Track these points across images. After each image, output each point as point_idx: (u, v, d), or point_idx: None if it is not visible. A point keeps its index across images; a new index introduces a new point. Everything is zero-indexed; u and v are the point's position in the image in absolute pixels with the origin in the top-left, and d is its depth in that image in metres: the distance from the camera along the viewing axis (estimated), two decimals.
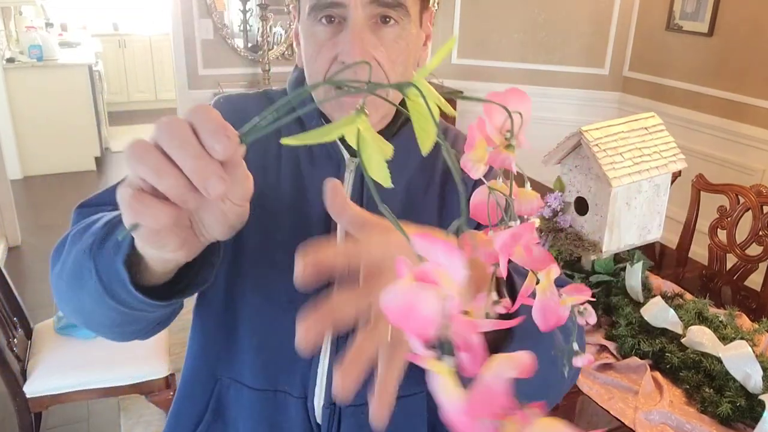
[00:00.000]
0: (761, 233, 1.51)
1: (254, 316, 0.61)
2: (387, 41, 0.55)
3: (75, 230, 0.53)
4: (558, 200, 1.26)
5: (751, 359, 0.97)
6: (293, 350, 0.58)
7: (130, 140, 0.32)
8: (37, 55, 3.78)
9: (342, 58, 0.54)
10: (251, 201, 0.50)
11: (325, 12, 0.55)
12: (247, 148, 0.37)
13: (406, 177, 0.63)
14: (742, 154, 2.57)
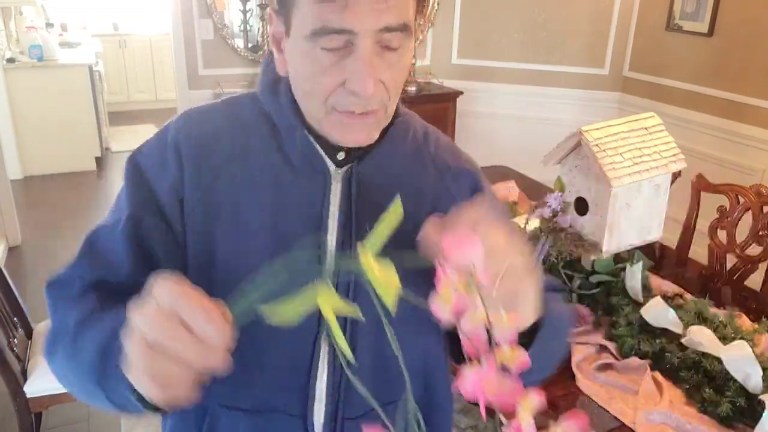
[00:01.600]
0: (761, 233, 1.51)
1: (240, 336, 0.53)
2: (393, 64, 0.54)
3: (62, 332, 0.57)
4: (558, 200, 1.26)
5: (751, 359, 0.98)
6: (287, 368, 0.58)
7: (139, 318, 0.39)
8: (38, 56, 3.78)
9: (352, 87, 0.52)
10: (227, 216, 0.56)
11: (331, 38, 0.51)
12: (228, 161, 0.55)
13: (411, 183, 0.63)
14: (742, 154, 2.57)
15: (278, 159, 0.60)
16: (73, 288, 0.60)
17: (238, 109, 0.63)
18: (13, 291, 1.53)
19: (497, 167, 2.34)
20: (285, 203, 0.59)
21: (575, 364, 1.08)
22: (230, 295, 0.44)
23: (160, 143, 0.61)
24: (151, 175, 0.60)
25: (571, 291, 1.23)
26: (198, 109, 0.64)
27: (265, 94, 0.62)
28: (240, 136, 0.61)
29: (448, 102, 3.26)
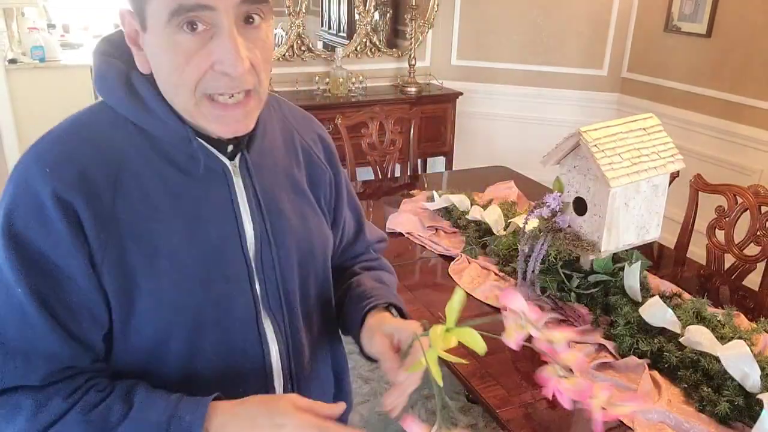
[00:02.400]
0: (759, 233, 1.52)
1: (186, 353, 0.59)
2: (258, 42, 0.55)
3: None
4: (557, 200, 1.26)
5: (749, 358, 0.98)
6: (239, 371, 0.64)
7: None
8: (40, 56, 3.79)
9: (222, 67, 0.52)
10: (142, 250, 0.57)
11: (189, 16, 0.51)
12: (118, 193, 0.56)
13: (278, 159, 0.66)
14: (740, 155, 2.58)
15: (169, 171, 0.58)
16: (25, 404, 0.54)
17: (99, 131, 0.57)
18: None
19: (497, 167, 2.35)
20: (196, 215, 0.59)
21: (574, 363, 1.08)
22: (162, 326, 0.56)
23: (33, 204, 0.53)
24: (41, 246, 0.53)
25: (569, 290, 1.23)
26: (47, 148, 0.56)
27: (126, 105, 0.57)
28: (116, 161, 0.56)
29: (448, 103, 3.27)
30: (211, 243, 0.59)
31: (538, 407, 1.00)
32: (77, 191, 0.54)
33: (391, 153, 2.32)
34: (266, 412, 0.55)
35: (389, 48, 3.40)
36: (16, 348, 0.54)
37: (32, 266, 0.53)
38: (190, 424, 0.54)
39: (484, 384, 1.04)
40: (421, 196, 1.89)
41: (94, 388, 0.57)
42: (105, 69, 0.59)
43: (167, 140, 0.58)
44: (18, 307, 0.53)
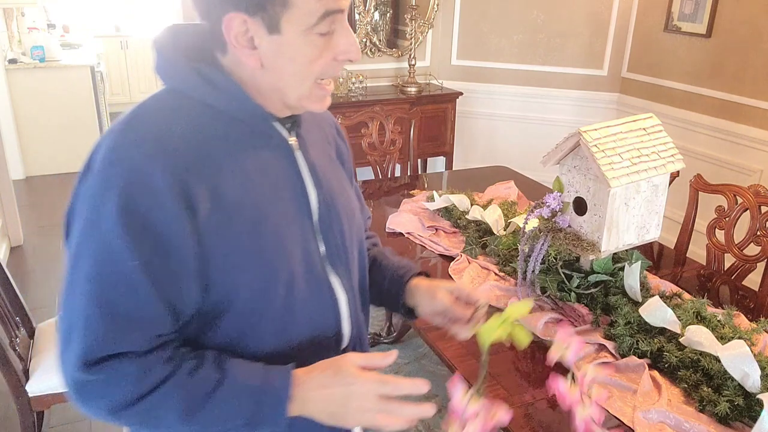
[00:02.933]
0: (759, 233, 1.52)
1: (272, 320, 0.66)
2: None
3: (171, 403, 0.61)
4: (557, 200, 1.26)
5: (749, 358, 0.98)
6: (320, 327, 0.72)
7: None
8: (40, 56, 3.79)
9: (348, 56, 0.64)
10: (242, 214, 0.64)
11: (332, 21, 0.61)
12: (210, 175, 0.61)
13: (315, 136, 0.75)
14: (740, 155, 2.58)
15: (249, 146, 0.65)
16: (132, 366, 0.60)
17: (182, 113, 0.62)
18: (15, 290, 1.54)
19: (496, 167, 2.35)
20: (276, 184, 0.66)
21: (574, 363, 1.08)
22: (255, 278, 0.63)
23: (145, 184, 0.57)
24: (154, 221, 0.57)
25: (569, 290, 1.23)
26: (143, 132, 0.60)
27: (202, 89, 0.63)
28: (205, 138, 0.62)
29: (448, 103, 3.27)
30: (290, 209, 0.67)
31: (538, 407, 1.00)
32: (183, 168, 0.59)
33: (391, 153, 2.32)
34: (334, 374, 0.63)
35: (389, 48, 3.40)
36: (123, 315, 0.58)
37: (145, 240, 0.57)
38: (279, 390, 0.62)
39: (483, 384, 1.04)
40: (421, 196, 1.89)
41: (187, 355, 0.63)
42: (172, 58, 0.64)
43: (242, 118, 0.65)
44: (128, 278, 0.58)
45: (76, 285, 0.59)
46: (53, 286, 2.60)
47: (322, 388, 0.63)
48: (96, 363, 0.59)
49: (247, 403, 0.61)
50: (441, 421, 0.60)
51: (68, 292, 0.60)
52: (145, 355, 0.60)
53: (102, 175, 0.58)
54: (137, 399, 0.59)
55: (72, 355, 0.59)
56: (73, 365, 0.59)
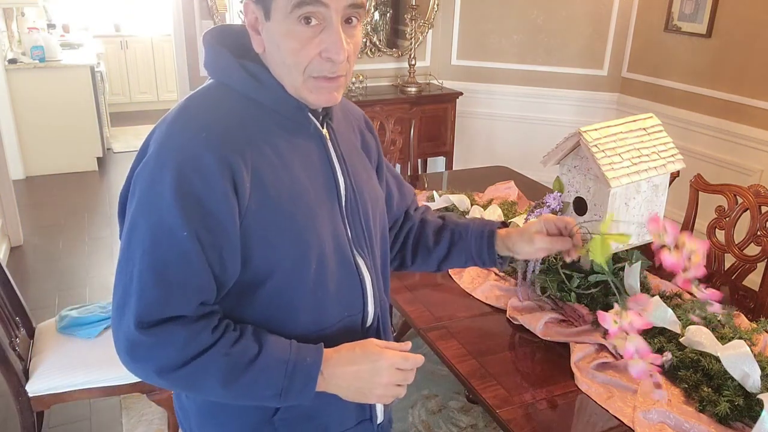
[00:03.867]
0: (759, 233, 1.52)
1: (309, 292, 0.71)
2: (353, 39, 0.69)
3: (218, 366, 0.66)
4: (557, 200, 1.26)
5: (750, 358, 0.98)
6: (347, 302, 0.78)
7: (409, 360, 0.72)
8: (40, 56, 3.79)
9: (329, 55, 0.66)
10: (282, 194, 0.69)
11: (308, 9, 0.64)
12: (252, 157, 0.67)
13: (344, 128, 0.81)
14: (740, 155, 2.58)
15: (285, 134, 0.71)
16: (186, 329, 0.65)
17: (228, 103, 0.69)
18: (15, 290, 1.54)
19: (497, 167, 2.35)
20: (310, 170, 0.72)
21: (574, 363, 1.08)
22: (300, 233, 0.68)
23: (197, 164, 0.63)
24: (203, 198, 0.63)
25: (569, 290, 1.23)
26: (195, 120, 0.66)
27: (245, 82, 0.69)
28: (247, 125, 0.68)
29: (448, 103, 3.27)
30: (322, 193, 0.72)
31: (538, 407, 1.00)
32: (230, 150, 0.64)
33: (392, 153, 2.32)
34: (362, 353, 0.69)
35: (389, 48, 3.40)
36: (175, 282, 0.64)
37: (194, 214, 0.63)
38: (311, 366, 0.68)
39: (484, 384, 1.04)
40: (421, 196, 1.89)
41: (229, 327, 0.68)
42: (220, 55, 0.71)
43: (279, 109, 0.70)
44: (180, 247, 0.63)
45: (132, 255, 0.64)
46: (53, 286, 2.60)
47: (350, 364, 0.69)
48: (151, 326, 0.63)
49: (280, 375, 0.66)
50: (441, 421, 0.61)
51: (124, 261, 0.65)
52: (194, 323, 0.65)
53: (157, 157, 0.64)
54: (184, 363, 0.64)
55: (128, 317, 0.64)
56: (129, 326, 0.63)
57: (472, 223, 0.95)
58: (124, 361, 0.66)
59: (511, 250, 0.91)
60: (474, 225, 0.94)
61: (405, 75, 3.32)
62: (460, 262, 0.95)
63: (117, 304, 0.65)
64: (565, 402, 1.01)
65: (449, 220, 0.97)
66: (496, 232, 0.92)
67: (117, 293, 0.66)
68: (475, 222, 0.95)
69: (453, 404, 1.88)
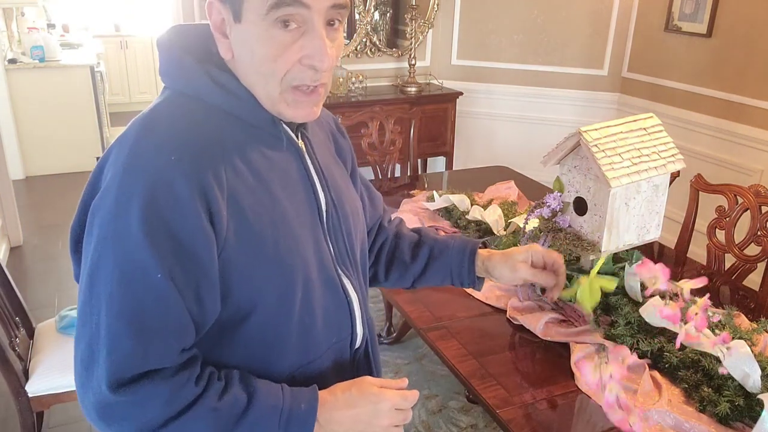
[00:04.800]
0: (760, 233, 1.52)
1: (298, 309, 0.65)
2: (336, 43, 0.62)
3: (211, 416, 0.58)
4: (557, 200, 1.26)
5: (750, 359, 0.98)
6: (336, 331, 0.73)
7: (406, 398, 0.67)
8: (39, 56, 3.79)
9: (311, 62, 0.60)
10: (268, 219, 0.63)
11: (286, 11, 0.57)
12: (227, 180, 0.60)
13: (319, 137, 0.75)
14: (741, 155, 2.58)
15: (261, 149, 0.64)
16: (169, 383, 0.57)
17: (195, 117, 0.61)
18: (15, 290, 1.54)
19: (497, 167, 2.35)
20: (289, 187, 0.65)
21: (574, 363, 1.08)
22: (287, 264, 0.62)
23: (169, 192, 0.55)
24: (177, 230, 0.55)
25: None
26: (161, 139, 0.57)
27: (213, 93, 0.61)
28: (219, 142, 0.60)
29: (448, 103, 3.27)
30: (303, 211, 0.67)
31: (538, 407, 1.00)
32: (204, 175, 0.57)
33: (391, 153, 2.32)
34: (359, 394, 0.64)
35: (389, 48, 3.40)
36: (151, 329, 0.56)
37: (168, 250, 0.55)
38: (306, 413, 0.61)
39: (484, 384, 1.04)
40: (421, 196, 1.89)
41: (213, 375, 0.61)
42: (182, 62, 0.62)
43: (253, 122, 0.63)
44: (154, 290, 0.55)
45: (96, 301, 0.56)
46: (53, 286, 2.60)
47: (347, 407, 0.63)
48: (126, 383, 0.55)
49: (274, 427, 0.60)
50: (441, 421, 0.61)
51: (86, 309, 0.56)
52: (175, 375, 0.58)
53: (120, 185, 0.55)
54: (166, 421, 0.57)
55: (98, 376, 0.55)
56: (100, 386, 0.55)
57: (452, 240, 0.89)
58: (95, 424, 0.57)
59: (490, 272, 0.86)
60: (455, 242, 0.88)
61: (405, 75, 3.32)
62: (436, 280, 0.89)
63: (81, 360, 0.56)
64: (565, 402, 1.01)
65: (426, 236, 0.91)
66: (477, 251, 0.87)
67: (80, 347, 0.57)
68: (455, 239, 0.89)
69: (453, 404, 1.88)
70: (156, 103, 0.63)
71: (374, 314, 2.36)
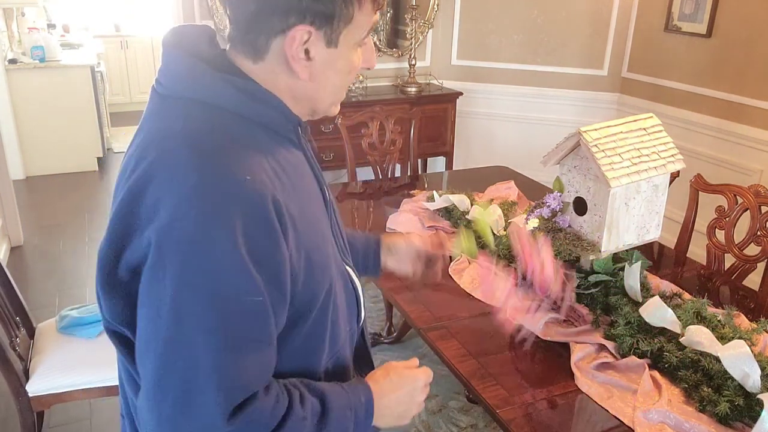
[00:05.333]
0: (759, 233, 1.52)
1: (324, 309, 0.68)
2: None
3: None
4: (557, 200, 1.26)
5: (750, 358, 0.98)
6: None
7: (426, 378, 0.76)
8: (40, 56, 3.79)
9: (368, 65, 0.69)
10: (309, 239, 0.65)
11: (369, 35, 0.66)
12: (284, 184, 0.62)
13: None
14: (741, 155, 2.58)
15: (286, 154, 0.66)
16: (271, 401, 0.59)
17: (234, 130, 0.60)
18: (15, 290, 1.54)
19: (497, 167, 2.35)
20: (309, 191, 0.69)
21: (574, 363, 1.08)
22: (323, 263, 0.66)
23: (259, 216, 0.54)
24: (268, 254, 0.55)
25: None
26: (223, 161, 0.55)
27: (238, 101, 0.60)
28: (262, 152, 0.60)
29: (448, 103, 3.27)
30: (319, 210, 0.70)
31: (538, 407, 1.00)
32: (270, 189, 0.57)
33: (391, 153, 2.32)
34: (398, 378, 0.72)
35: (389, 48, 3.40)
36: (257, 353, 0.57)
37: (263, 272, 0.55)
38: (367, 404, 0.68)
39: (484, 384, 1.04)
40: (421, 196, 1.89)
41: (287, 386, 0.63)
42: (197, 68, 0.60)
43: (273, 126, 0.64)
44: (257, 313, 0.56)
45: (188, 339, 0.53)
46: (53, 286, 2.60)
47: (393, 392, 0.71)
48: (237, 411, 0.55)
49: (349, 422, 0.66)
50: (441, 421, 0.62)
51: (175, 350, 0.54)
52: (267, 391, 0.59)
53: (202, 211, 0.52)
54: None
55: (206, 411, 0.54)
56: (213, 421, 0.54)
57: (356, 235, 0.96)
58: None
59: (391, 258, 0.97)
60: (358, 239, 0.95)
61: (405, 75, 3.32)
62: None
63: (174, 404, 0.54)
64: (565, 402, 1.01)
65: None
66: (381, 242, 0.96)
67: (170, 392, 0.54)
68: (357, 235, 0.96)
69: (453, 404, 1.88)
70: (181, 114, 0.59)
71: (374, 314, 2.36)
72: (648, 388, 1.01)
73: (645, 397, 1.00)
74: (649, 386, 1.02)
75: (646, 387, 1.01)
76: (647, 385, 1.02)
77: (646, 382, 1.02)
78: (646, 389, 1.01)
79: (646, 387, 1.01)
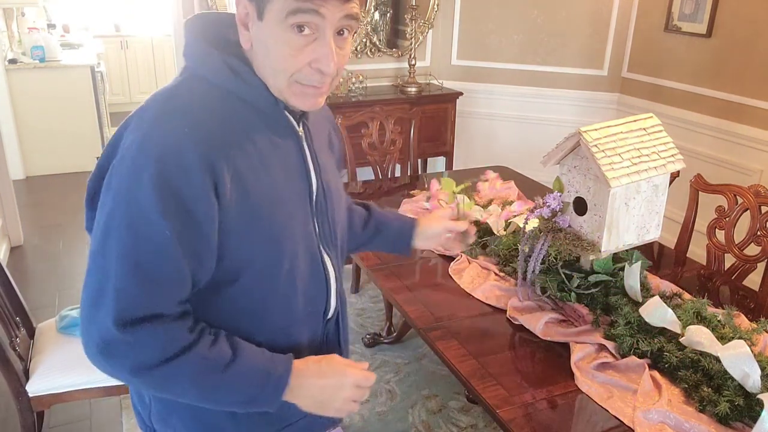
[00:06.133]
0: (759, 233, 1.52)
1: (282, 285, 0.73)
2: (343, 50, 0.70)
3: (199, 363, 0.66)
4: (557, 200, 1.26)
5: (750, 358, 0.98)
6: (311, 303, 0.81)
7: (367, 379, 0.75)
8: (40, 56, 3.79)
9: (319, 66, 0.67)
10: (258, 190, 0.70)
11: (302, 18, 0.64)
12: (239, 148, 0.67)
13: (318, 127, 0.82)
14: (741, 155, 2.58)
15: (267, 133, 0.71)
16: (160, 323, 0.64)
17: (210, 98, 0.68)
18: (15, 290, 1.54)
19: (497, 167, 2.35)
20: (288, 170, 0.73)
21: (574, 363, 1.08)
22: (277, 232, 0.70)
23: (179, 161, 0.62)
24: (184, 194, 0.62)
25: (569, 290, 1.23)
26: (179, 114, 0.65)
27: (230, 79, 0.69)
28: (230, 122, 0.68)
29: (448, 103, 3.27)
30: (296, 192, 0.74)
31: (538, 407, 1.00)
32: (214, 150, 0.64)
33: (391, 153, 2.32)
34: (329, 368, 0.72)
35: (389, 48, 3.40)
36: (157, 279, 0.63)
37: (176, 213, 0.62)
38: (281, 376, 0.70)
39: (484, 384, 1.04)
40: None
41: (205, 329, 0.68)
42: (204, 49, 0.70)
43: (260, 106, 0.70)
44: (161, 245, 0.62)
45: (108, 249, 0.63)
46: (53, 286, 2.60)
47: (317, 377, 0.72)
48: (130, 323, 0.62)
49: (252, 383, 0.68)
50: (441, 421, 0.61)
51: (98, 255, 0.63)
52: (172, 322, 0.65)
53: (139, 150, 0.62)
54: (161, 362, 0.64)
55: (104, 314, 0.62)
56: (106, 323, 0.62)
57: (392, 217, 1.07)
58: (94, 359, 0.65)
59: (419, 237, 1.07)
60: (394, 222, 1.06)
61: (405, 75, 3.32)
62: (376, 248, 1.08)
63: (90, 300, 0.64)
64: (565, 402, 1.01)
65: (374, 211, 1.06)
66: (416, 228, 1.05)
67: (89, 288, 0.64)
68: (395, 217, 1.07)
69: (453, 404, 1.88)
70: (177, 82, 0.70)
71: (374, 314, 2.37)
72: (648, 388, 1.01)
73: (645, 397, 1.00)
74: (649, 386, 1.02)
75: (646, 387, 1.01)
76: (647, 385, 1.02)
77: (646, 382, 1.02)
78: (646, 389, 1.01)
79: (646, 387, 1.01)
